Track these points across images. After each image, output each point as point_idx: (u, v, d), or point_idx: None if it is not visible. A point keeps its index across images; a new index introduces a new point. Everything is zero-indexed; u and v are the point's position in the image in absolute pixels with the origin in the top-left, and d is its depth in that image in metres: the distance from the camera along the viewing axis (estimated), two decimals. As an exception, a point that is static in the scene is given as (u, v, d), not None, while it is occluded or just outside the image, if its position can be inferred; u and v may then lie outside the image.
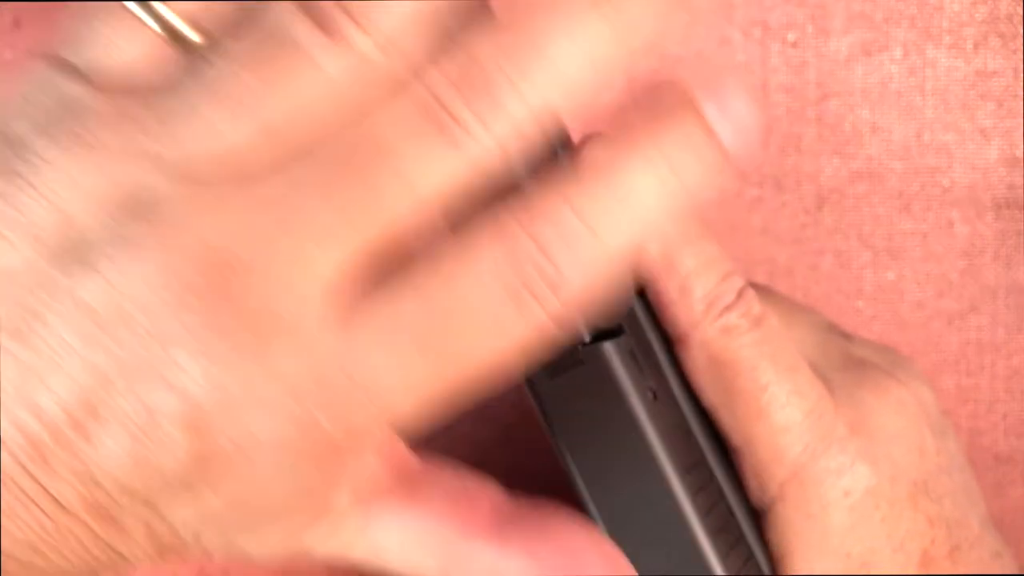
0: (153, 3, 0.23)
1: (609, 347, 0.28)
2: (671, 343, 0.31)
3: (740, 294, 0.31)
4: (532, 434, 0.47)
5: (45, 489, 0.22)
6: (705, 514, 0.28)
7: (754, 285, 0.32)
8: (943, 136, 0.45)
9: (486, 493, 0.27)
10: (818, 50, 0.45)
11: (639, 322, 0.30)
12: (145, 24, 0.23)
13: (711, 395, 0.31)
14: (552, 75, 0.22)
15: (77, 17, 0.24)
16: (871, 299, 0.46)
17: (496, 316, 0.22)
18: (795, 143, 0.45)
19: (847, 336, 0.35)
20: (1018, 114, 0.44)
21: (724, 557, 0.28)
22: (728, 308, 0.30)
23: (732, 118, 0.23)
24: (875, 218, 0.45)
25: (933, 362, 0.45)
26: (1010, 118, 0.45)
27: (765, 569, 0.30)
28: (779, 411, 0.30)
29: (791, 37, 0.45)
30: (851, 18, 0.45)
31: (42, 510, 0.22)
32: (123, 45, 0.23)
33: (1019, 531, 0.44)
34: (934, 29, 0.44)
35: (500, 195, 0.23)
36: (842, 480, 0.30)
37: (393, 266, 0.23)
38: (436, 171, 0.22)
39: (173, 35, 0.23)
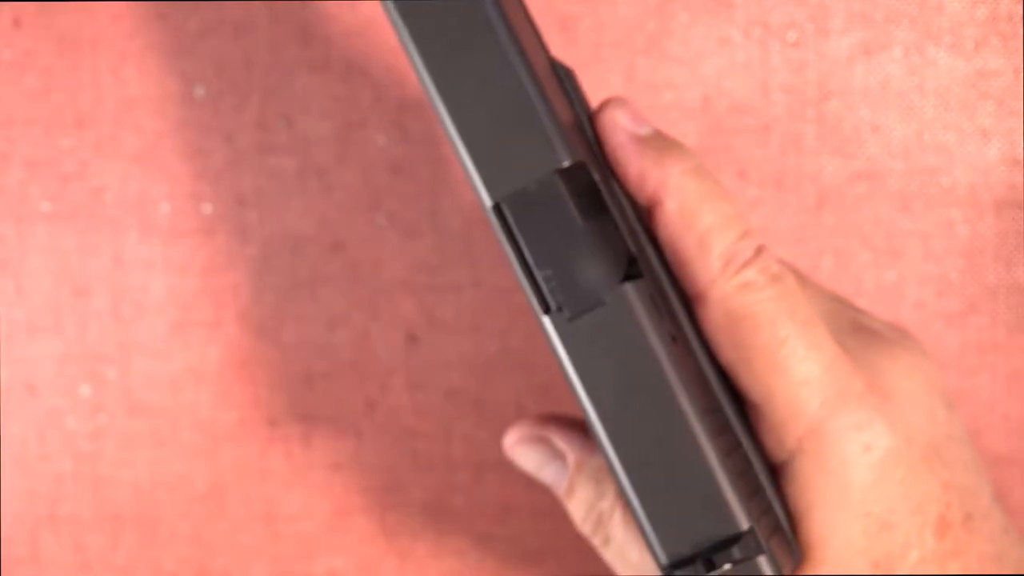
0: None
1: (631, 288, 0.27)
2: (688, 304, 0.31)
3: (758, 251, 0.30)
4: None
5: None
6: (724, 456, 0.27)
7: None
8: (943, 136, 0.45)
9: None
10: (818, 50, 0.45)
11: (658, 278, 0.30)
12: None
13: (729, 352, 0.30)
14: None
15: None
16: (871, 299, 0.45)
17: None
18: (795, 143, 0.45)
19: (857, 308, 0.35)
20: (1018, 114, 0.45)
21: (745, 501, 0.27)
22: (746, 264, 0.30)
23: None
24: (875, 218, 0.45)
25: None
26: (1010, 118, 0.45)
27: (784, 523, 0.30)
28: (798, 364, 0.30)
29: (791, 37, 0.45)
30: (851, 18, 0.45)
31: None
32: None
33: (1021, 532, 0.44)
34: (934, 29, 0.45)
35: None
36: (862, 436, 0.30)
37: None
38: None
39: None
